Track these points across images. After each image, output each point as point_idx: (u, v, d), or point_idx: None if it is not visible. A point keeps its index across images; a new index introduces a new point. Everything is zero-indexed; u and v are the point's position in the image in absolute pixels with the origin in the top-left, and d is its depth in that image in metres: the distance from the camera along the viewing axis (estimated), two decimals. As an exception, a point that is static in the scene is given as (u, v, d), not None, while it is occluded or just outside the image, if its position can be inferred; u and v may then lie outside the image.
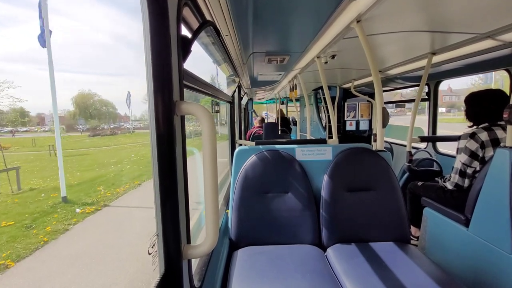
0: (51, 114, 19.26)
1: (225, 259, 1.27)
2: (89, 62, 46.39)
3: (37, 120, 22.41)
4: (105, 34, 64.78)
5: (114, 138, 18.04)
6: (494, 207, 1.37)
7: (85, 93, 26.05)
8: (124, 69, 52.32)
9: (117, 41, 77.38)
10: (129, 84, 52.92)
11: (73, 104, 23.74)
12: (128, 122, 25.52)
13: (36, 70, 56.74)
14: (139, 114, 24.72)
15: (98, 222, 4.62)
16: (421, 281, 1.02)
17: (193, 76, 0.93)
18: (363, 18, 1.27)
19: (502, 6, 1.18)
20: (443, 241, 1.71)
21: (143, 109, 34.04)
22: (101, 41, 54.05)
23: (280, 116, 6.50)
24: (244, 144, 2.79)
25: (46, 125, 21.09)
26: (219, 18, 1.17)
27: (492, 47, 1.71)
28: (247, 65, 2.38)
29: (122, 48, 76.80)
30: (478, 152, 1.58)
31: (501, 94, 1.65)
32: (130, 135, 21.77)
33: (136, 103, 31.26)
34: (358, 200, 1.43)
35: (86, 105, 24.42)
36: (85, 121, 23.77)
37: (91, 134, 19.07)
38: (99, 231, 4.25)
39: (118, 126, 24.37)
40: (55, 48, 51.35)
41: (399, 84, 3.47)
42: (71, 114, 21.97)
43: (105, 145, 14.98)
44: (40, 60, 45.76)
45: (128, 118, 25.60)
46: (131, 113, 17.31)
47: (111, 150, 13.67)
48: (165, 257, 0.61)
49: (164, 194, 0.60)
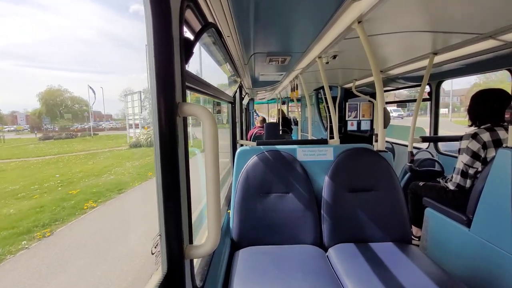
0: (26, 112, 16.49)
1: (226, 259, 1.27)
2: (69, 58, 44.97)
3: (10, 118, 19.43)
4: (90, 30, 63.67)
5: (65, 143, 14.41)
6: (496, 207, 1.36)
7: (54, 89, 22.08)
8: (105, 67, 51.28)
9: (101, 37, 76.15)
10: (115, 83, 51.69)
11: (39, 101, 20.05)
12: (109, 121, 23.33)
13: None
14: (114, 112, 22.02)
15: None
16: (422, 281, 1.02)
17: (195, 77, 0.93)
18: (364, 18, 1.28)
19: (504, 6, 1.18)
20: (445, 241, 1.71)
21: (119, 107, 32.65)
22: (81, 37, 52.99)
23: (281, 116, 6.51)
24: (245, 144, 2.79)
25: (18, 124, 18.45)
26: (221, 19, 1.17)
27: (494, 47, 1.71)
28: (249, 65, 2.38)
29: (106, 45, 75.27)
30: (480, 153, 1.58)
31: (504, 94, 1.65)
32: (91, 138, 18.32)
33: (113, 102, 29.59)
34: (359, 200, 1.43)
35: (55, 103, 21.29)
36: (52, 120, 20.52)
37: (42, 137, 15.60)
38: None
39: (96, 126, 22.57)
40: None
41: (401, 84, 3.46)
42: (36, 112, 18.71)
43: (42, 155, 10.81)
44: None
45: (109, 117, 23.71)
46: (105, 112, 14.46)
47: (38, 164, 8.92)
48: (168, 257, 0.62)
49: (167, 194, 0.60)
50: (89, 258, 3.29)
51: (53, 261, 3.16)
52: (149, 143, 12.98)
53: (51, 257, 3.25)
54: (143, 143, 14.38)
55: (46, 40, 53.95)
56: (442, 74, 2.66)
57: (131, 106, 13.61)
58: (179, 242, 0.63)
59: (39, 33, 54.43)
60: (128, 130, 15.82)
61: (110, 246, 3.59)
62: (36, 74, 42.72)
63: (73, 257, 3.29)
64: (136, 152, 12.86)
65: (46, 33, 56.77)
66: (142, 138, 14.11)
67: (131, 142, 14.64)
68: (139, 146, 14.26)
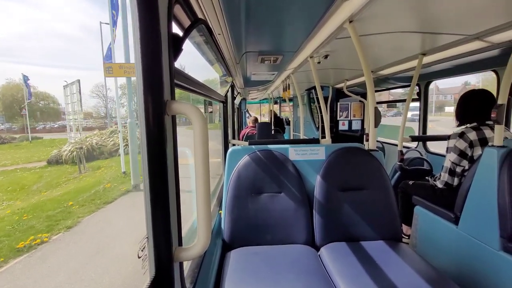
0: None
1: (218, 261, 1.26)
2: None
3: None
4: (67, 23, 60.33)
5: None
6: (483, 205, 1.40)
7: (13, 84, 18.61)
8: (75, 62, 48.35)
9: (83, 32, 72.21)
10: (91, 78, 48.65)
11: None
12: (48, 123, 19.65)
13: None
14: (83, 109, 20.28)
15: None
16: (411, 278, 1.03)
17: (184, 75, 0.91)
18: (355, 18, 1.28)
19: (490, 8, 1.21)
20: (434, 238, 1.74)
21: (90, 104, 30.83)
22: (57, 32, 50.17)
23: (273, 116, 6.52)
24: (237, 144, 2.77)
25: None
26: (211, 16, 1.16)
27: (481, 48, 1.75)
28: (240, 64, 2.37)
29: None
30: (467, 151, 1.61)
31: (488, 95, 1.69)
32: (28, 144, 14.50)
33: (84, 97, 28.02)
34: (350, 199, 1.44)
35: (14, 99, 18.03)
36: (9, 120, 17.10)
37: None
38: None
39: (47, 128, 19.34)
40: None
41: (391, 84, 3.52)
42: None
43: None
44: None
45: (88, 115, 21.30)
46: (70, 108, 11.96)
47: None
48: (156, 261, 0.60)
49: (155, 196, 0.59)
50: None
51: None
52: (77, 158, 8.81)
53: None
54: (67, 157, 9.46)
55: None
56: (430, 74, 2.71)
57: (70, 101, 10.29)
58: (167, 245, 0.61)
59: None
60: (69, 133, 11.59)
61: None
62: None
63: None
64: (49, 175, 8.61)
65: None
66: (67, 149, 9.53)
67: (51, 156, 10.18)
68: (61, 162, 9.61)
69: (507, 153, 1.33)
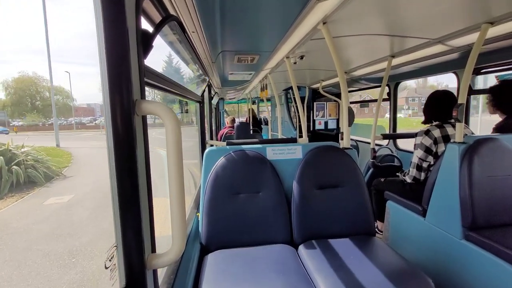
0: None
1: (195, 265, 1.22)
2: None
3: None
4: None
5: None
6: (447, 197, 1.50)
7: (27, 77, 18.35)
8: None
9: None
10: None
11: (5, 91, 16.40)
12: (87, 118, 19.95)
13: None
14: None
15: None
16: (384, 271, 1.08)
17: (156, 73, 0.87)
18: (329, 20, 1.31)
19: (450, 14, 1.30)
20: (404, 231, 1.84)
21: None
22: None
23: (252, 116, 6.53)
24: (215, 144, 2.73)
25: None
26: (184, 13, 1.12)
27: (443, 52, 1.88)
28: (217, 64, 2.33)
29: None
30: (432, 148, 1.72)
31: (450, 95, 1.82)
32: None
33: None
34: (327, 197, 1.47)
35: (26, 94, 17.76)
36: (19, 115, 16.59)
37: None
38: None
39: (82, 122, 19.24)
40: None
41: (364, 85, 3.67)
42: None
43: None
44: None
45: (92, 112, 20.61)
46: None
47: None
48: (126, 270, 0.56)
49: (124, 201, 0.55)
50: None
51: None
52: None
53: None
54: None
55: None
56: (399, 76, 2.87)
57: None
58: (139, 252, 0.58)
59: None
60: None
61: None
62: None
63: None
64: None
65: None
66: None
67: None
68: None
69: (466, 148, 1.44)
